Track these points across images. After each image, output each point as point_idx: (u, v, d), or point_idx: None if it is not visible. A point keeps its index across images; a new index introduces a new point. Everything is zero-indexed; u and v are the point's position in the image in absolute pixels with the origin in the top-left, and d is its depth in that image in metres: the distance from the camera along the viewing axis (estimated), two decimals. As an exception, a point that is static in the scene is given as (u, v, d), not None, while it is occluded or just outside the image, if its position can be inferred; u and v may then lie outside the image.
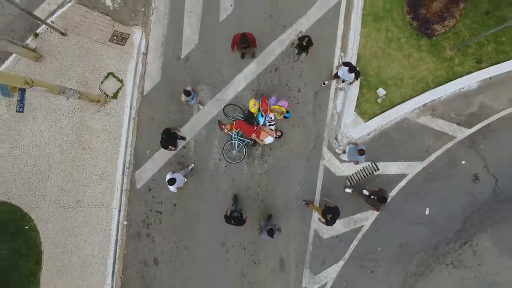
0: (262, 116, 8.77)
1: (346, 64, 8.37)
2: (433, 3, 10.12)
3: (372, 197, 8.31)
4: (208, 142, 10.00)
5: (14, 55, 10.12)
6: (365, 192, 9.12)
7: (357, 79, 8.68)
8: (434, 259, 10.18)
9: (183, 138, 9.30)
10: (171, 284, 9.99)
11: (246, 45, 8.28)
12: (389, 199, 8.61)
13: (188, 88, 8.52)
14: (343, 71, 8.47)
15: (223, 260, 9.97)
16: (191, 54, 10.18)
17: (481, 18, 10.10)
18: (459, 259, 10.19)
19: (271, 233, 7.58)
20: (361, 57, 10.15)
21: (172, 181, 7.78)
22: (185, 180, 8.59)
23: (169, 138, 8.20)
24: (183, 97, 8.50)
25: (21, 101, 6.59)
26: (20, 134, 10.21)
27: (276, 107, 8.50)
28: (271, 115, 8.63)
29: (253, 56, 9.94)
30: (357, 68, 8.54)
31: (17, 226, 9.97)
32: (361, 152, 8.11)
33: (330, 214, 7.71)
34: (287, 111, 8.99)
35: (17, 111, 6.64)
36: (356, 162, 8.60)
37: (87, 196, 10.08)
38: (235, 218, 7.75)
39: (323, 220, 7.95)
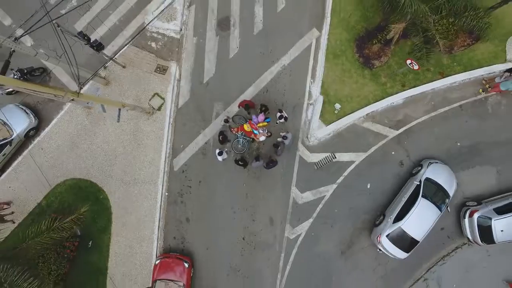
0: (256, 130, 13.66)
1: (279, 110, 13.62)
2: (373, 46, 14.96)
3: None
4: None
5: (91, 81, 15.00)
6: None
7: (286, 121, 13.94)
8: (374, 218, 15.10)
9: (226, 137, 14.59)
10: (198, 234, 14.94)
11: (248, 108, 13.80)
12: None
13: (226, 117, 13.77)
14: (278, 115, 13.74)
15: (232, 218, 14.90)
16: (210, 80, 15.14)
17: (405, 57, 14.95)
18: (390, 218, 15.13)
19: (257, 159, 13.22)
20: (324, 82, 15.07)
21: (220, 153, 13.32)
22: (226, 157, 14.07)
23: (225, 138, 13.74)
24: (223, 123, 13.76)
25: (119, 115, 11.50)
26: (95, 134, 15.16)
27: (260, 124, 13.48)
28: (260, 130, 13.55)
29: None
30: (285, 115, 13.85)
31: (95, 196, 14.91)
32: (283, 137, 13.64)
33: (271, 163, 13.45)
34: (266, 118, 13.94)
35: (117, 122, 11.55)
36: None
37: (141, 176, 15.03)
38: (242, 159, 13.26)
39: (264, 165, 13.42)
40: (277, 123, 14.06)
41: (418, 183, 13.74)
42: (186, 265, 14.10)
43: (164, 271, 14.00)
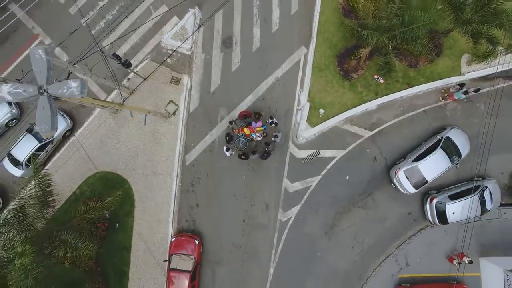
0: (254, 134, 16.68)
1: (271, 117, 16.73)
2: (351, 62, 17.98)
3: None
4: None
5: (116, 90, 18.03)
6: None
7: (276, 126, 16.90)
8: (351, 204, 18.06)
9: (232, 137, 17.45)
10: (206, 217, 18.01)
11: (246, 117, 16.70)
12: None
13: (231, 120, 16.71)
14: (270, 121, 16.82)
15: (234, 204, 17.95)
16: (216, 90, 18.18)
17: (377, 70, 17.99)
18: (366, 204, 18.03)
19: (254, 152, 16.23)
20: (311, 91, 18.09)
21: (228, 149, 16.27)
22: (233, 153, 17.03)
23: (231, 138, 16.61)
24: (228, 124, 16.83)
25: (145, 119, 14.53)
26: (120, 135, 18.20)
27: (257, 129, 16.49)
28: (257, 133, 16.55)
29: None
30: (275, 121, 16.84)
31: (120, 185, 17.95)
32: (275, 136, 16.59)
33: (266, 154, 16.42)
34: (263, 125, 16.91)
35: (144, 124, 14.58)
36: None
37: (159, 169, 18.09)
38: (244, 154, 16.32)
39: (260, 156, 16.51)
40: (271, 125, 17.12)
41: (440, 138, 16.65)
42: (197, 242, 17.17)
43: (178, 247, 17.10)
